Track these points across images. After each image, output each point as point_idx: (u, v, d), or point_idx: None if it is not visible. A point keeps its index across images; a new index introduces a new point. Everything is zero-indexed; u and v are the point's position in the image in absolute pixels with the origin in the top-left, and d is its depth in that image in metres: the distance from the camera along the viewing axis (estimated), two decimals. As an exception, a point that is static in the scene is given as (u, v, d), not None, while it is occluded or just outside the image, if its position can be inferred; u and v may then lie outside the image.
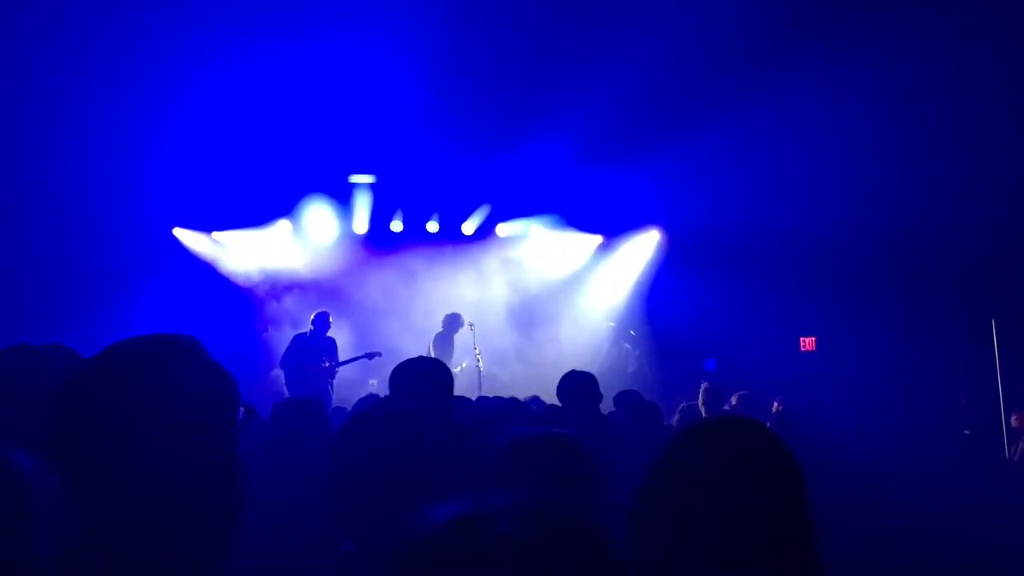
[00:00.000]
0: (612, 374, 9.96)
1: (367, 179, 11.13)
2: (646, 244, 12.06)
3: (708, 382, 7.27)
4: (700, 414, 6.24)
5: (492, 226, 11.84)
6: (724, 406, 6.69)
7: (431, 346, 9.69)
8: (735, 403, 6.76)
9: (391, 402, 2.62)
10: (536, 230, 11.96)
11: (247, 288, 11.01)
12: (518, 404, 5.15)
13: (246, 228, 11.19)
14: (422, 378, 2.72)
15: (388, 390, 2.80)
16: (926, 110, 9.20)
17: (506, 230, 11.91)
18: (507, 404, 4.95)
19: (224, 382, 1.23)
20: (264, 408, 5.08)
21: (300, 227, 11.25)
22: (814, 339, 11.27)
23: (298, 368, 8.62)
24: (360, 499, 1.67)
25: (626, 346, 10.95)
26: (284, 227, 11.25)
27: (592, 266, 12.17)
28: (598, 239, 12.17)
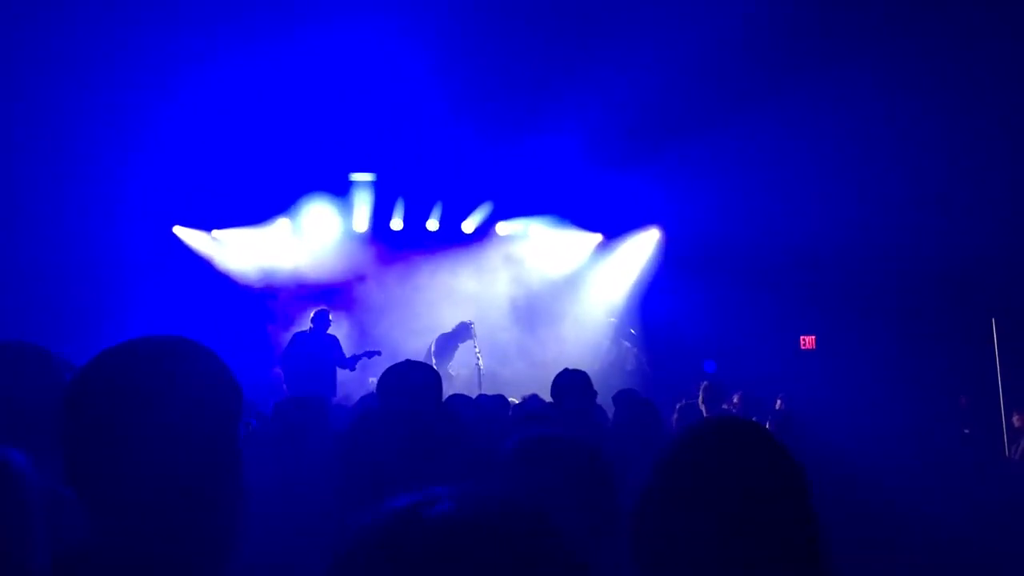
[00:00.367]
0: (611, 372, 9.97)
1: (367, 177, 11.12)
2: (646, 243, 12.06)
3: (708, 381, 7.27)
4: (700, 413, 6.24)
5: (492, 224, 11.84)
6: (724, 405, 6.70)
7: (432, 345, 9.66)
8: (736, 402, 6.76)
9: (383, 405, 2.61)
10: (536, 228, 11.95)
11: (247, 286, 11.00)
12: (505, 402, 5.15)
13: (246, 226, 11.18)
14: (409, 383, 2.70)
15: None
16: (928, 111, 9.21)
17: (506, 228, 11.90)
18: (496, 402, 4.95)
19: (228, 382, 1.23)
20: (265, 406, 5.08)
21: (300, 225, 11.24)
22: (814, 337, 11.27)
23: (297, 366, 8.60)
24: (368, 498, 1.67)
25: (626, 344, 10.95)
26: (284, 225, 11.24)
27: (592, 265, 12.17)
28: (598, 237, 12.17)
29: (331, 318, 9.10)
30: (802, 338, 11.31)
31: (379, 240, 11.48)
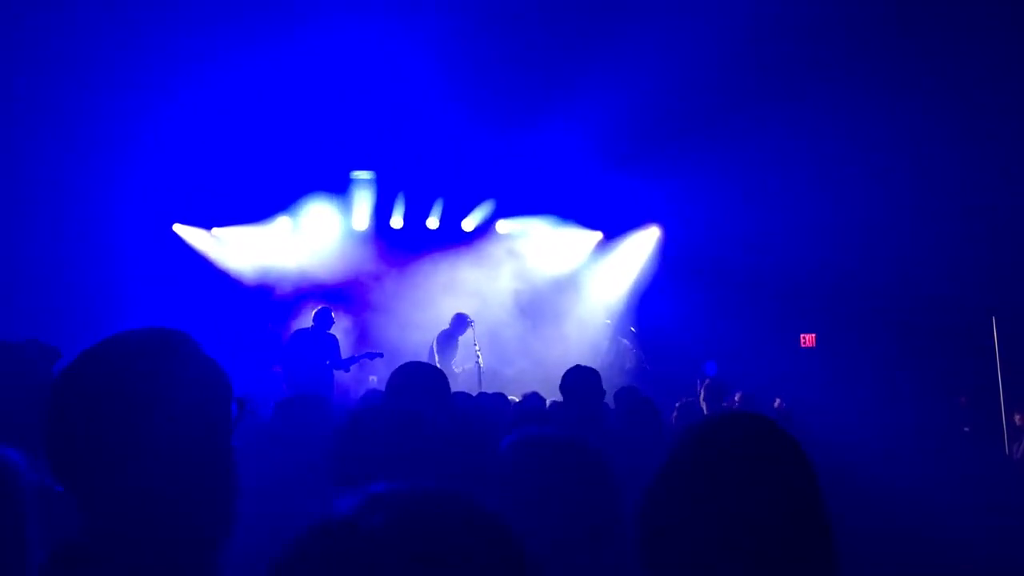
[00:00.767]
0: (611, 371, 9.95)
1: (367, 175, 11.10)
2: (646, 241, 12.04)
3: (709, 379, 7.27)
4: (700, 411, 6.23)
5: (492, 222, 11.82)
6: (724, 403, 6.69)
7: (434, 343, 9.65)
8: (738, 401, 6.75)
9: (389, 403, 2.61)
10: (536, 226, 11.94)
11: (247, 284, 10.98)
12: (505, 401, 5.13)
13: (246, 224, 11.17)
14: (419, 383, 2.73)
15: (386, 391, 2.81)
16: (930, 112, 9.21)
17: (506, 226, 11.89)
18: (496, 401, 4.94)
19: (216, 375, 1.22)
20: (265, 405, 5.07)
21: (300, 223, 11.22)
22: (814, 336, 11.25)
23: (297, 365, 8.57)
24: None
25: (625, 342, 10.93)
26: (284, 223, 11.22)
27: (592, 263, 12.16)
28: (598, 236, 12.16)
29: (333, 317, 9.07)
30: (802, 336, 11.29)
31: (379, 238, 11.46)
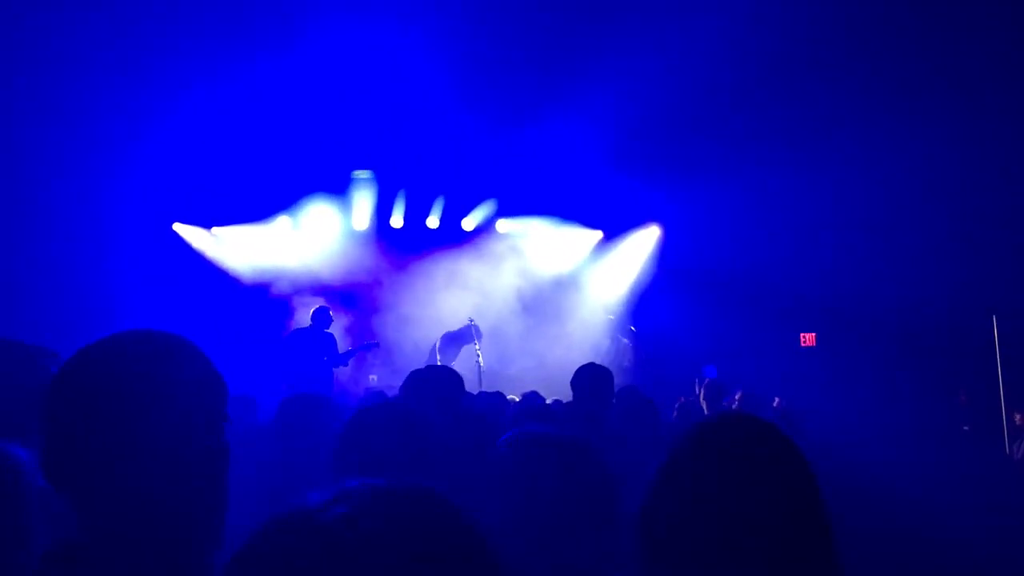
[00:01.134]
0: (612, 368, 9.93)
1: (366, 174, 11.10)
2: (646, 241, 12.04)
3: (708, 379, 7.27)
4: (701, 410, 6.24)
5: (492, 221, 11.82)
6: (725, 402, 6.68)
7: (437, 343, 9.65)
8: (738, 400, 6.74)
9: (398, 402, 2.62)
10: (536, 225, 11.93)
11: (247, 284, 10.97)
12: (504, 400, 5.14)
13: (246, 223, 11.16)
14: (434, 385, 2.77)
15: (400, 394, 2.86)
16: (930, 112, 9.22)
17: (506, 226, 11.89)
18: (496, 400, 4.94)
19: (211, 376, 1.22)
20: (266, 404, 5.07)
21: (300, 222, 11.22)
22: (814, 335, 11.25)
23: (294, 364, 8.58)
24: None
25: (624, 341, 10.91)
26: (284, 222, 11.22)
27: (592, 262, 12.16)
28: (598, 235, 12.16)
29: (332, 315, 9.08)
30: (802, 336, 11.29)
31: (380, 237, 11.46)
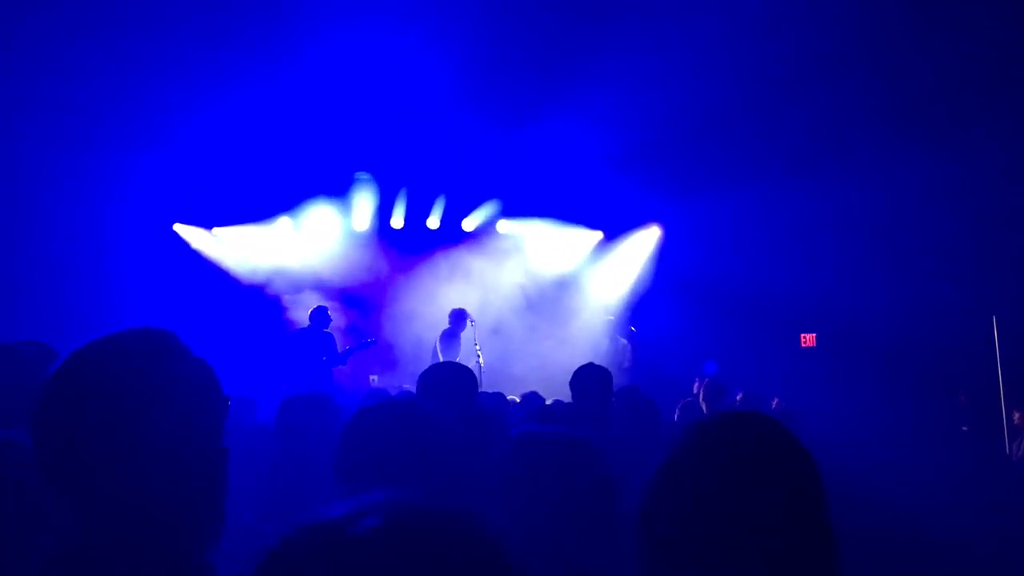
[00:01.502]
0: (611, 369, 9.91)
1: (366, 176, 11.10)
2: (646, 241, 12.04)
3: (707, 378, 7.25)
4: (701, 410, 6.23)
5: (493, 222, 11.82)
6: (725, 401, 6.68)
7: (437, 342, 9.65)
8: (740, 400, 6.75)
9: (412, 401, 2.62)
10: (536, 226, 11.93)
11: (247, 284, 10.97)
12: (504, 400, 5.13)
13: (247, 224, 11.16)
14: (448, 383, 2.78)
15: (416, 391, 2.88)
16: (931, 121, 9.25)
17: (507, 226, 11.89)
18: (496, 400, 4.93)
19: (205, 375, 1.22)
20: (266, 404, 5.07)
21: (301, 223, 11.22)
22: (814, 335, 11.25)
23: (294, 365, 8.58)
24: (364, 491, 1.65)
25: (623, 341, 10.90)
26: (285, 223, 11.22)
27: (592, 262, 12.15)
28: (598, 235, 12.15)
29: (331, 315, 9.08)
30: (802, 336, 11.29)
31: (380, 238, 11.47)
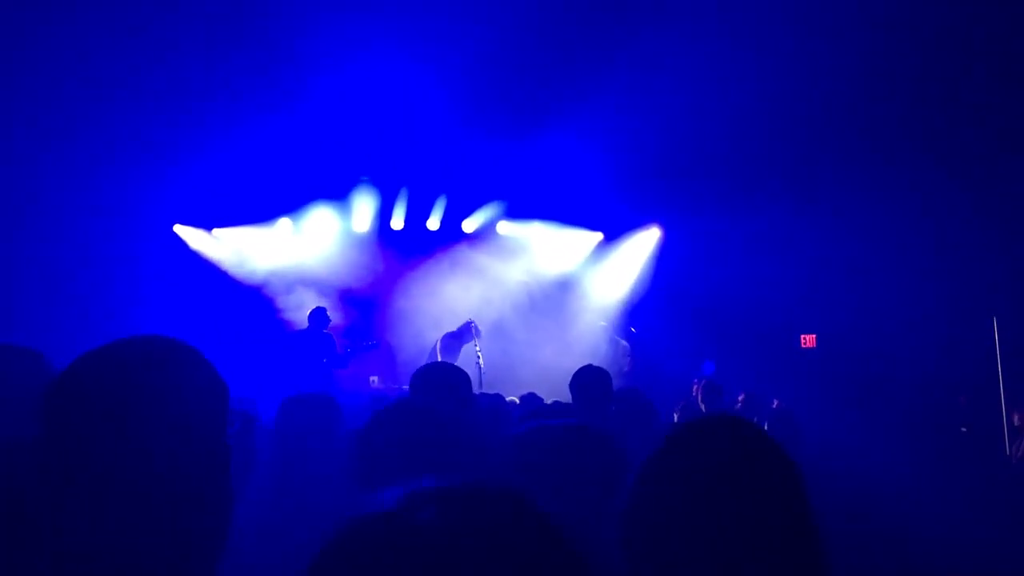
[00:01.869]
0: (611, 370, 9.90)
1: (366, 178, 11.12)
2: (646, 242, 12.04)
3: (704, 380, 7.26)
4: (700, 411, 6.24)
5: (493, 223, 11.82)
6: (724, 402, 6.68)
7: (438, 344, 9.65)
8: (741, 401, 6.75)
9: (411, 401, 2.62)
10: (536, 227, 11.94)
11: (247, 286, 10.97)
12: (504, 402, 5.13)
13: (247, 225, 11.17)
14: (442, 384, 2.78)
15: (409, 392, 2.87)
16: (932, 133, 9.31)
17: (507, 228, 11.89)
18: (496, 401, 4.94)
19: (214, 382, 1.21)
20: (266, 405, 5.07)
21: (302, 224, 11.24)
22: (814, 336, 11.25)
23: (293, 366, 8.58)
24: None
25: (623, 343, 10.90)
26: (285, 224, 11.23)
27: (592, 264, 12.15)
28: (598, 236, 12.15)
29: (329, 316, 9.08)
30: (802, 337, 11.29)
31: (380, 239, 11.48)
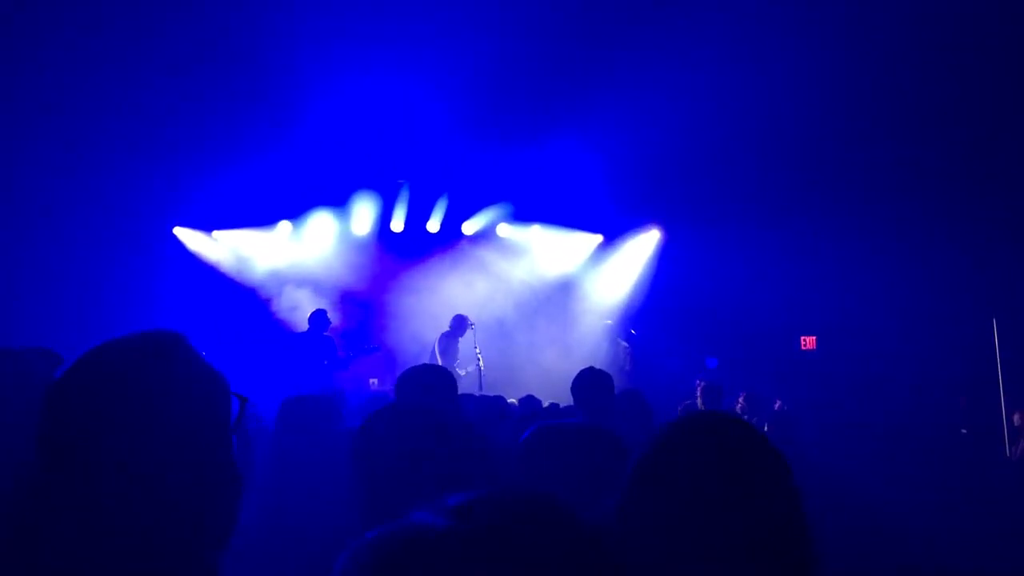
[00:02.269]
0: (612, 372, 9.91)
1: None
2: (646, 243, 12.04)
3: (705, 380, 7.25)
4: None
5: (493, 226, 11.83)
6: (724, 403, 6.68)
7: (436, 345, 9.66)
8: (741, 402, 6.74)
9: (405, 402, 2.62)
10: (536, 229, 11.95)
11: (247, 288, 10.98)
12: (504, 403, 5.13)
13: (248, 228, 11.17)
14: (426, 385, 2.77)
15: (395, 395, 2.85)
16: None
17: (507, 230, 11.90)
18: (496, 403, 4.93)
19: (215, 379, 1.21)
20: (266, 406, 5.07)
21: (302, 227, 11.25)
22: (814, 338, 11.25)
23: (293, 368, 8.59)
24: (384, 495, 1.66)
25: (624, 344, 10.91)
26: (285, 227, 11.24)
27: (592, 265, 12.16)
28: (598, 238, 12.16)
29: (330, 318, 9.09)
30: (803, 339, 11.29)
31: (380, 242, 11.49)
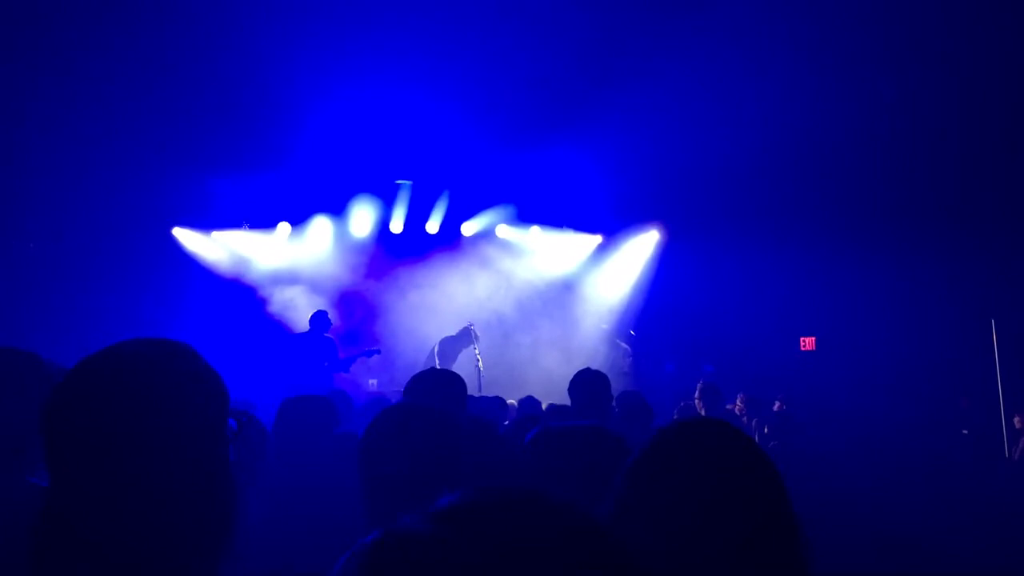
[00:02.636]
0: (611, 374, 9.91)
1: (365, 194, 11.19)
2: (646, 243, 12.04)
3: (705, 381, 7.25)
4: (699, 413, 6.24)
5: (492, 227, 11.83)
6: (729, 406, 6.68)
7: (436, 347, 9.65)
8: (740, 404, 6.74)
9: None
10: (535, 230, 11.94)
11: (247, 288, 10.97)
12: (504, 404, 5.14)
13: (247, 228, 11.17)
14: (437, 388, 2.78)
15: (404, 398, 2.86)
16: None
17: (506, 231, 11.89)
18: (496, 404, 4.94)
19: (215, 387, 1.22)
20: (266, 407, 5.07)
21: (302, 228, 11.25)
22: (814, 339, 11.25)
23: (293, 369, 8.58)
24: (391, 496, 1.65)
25: (623, 346, 10.91)
26: (284, 228, 11.24)
27: (591, 266, 12.15)
28: (597, 239, 12.16)
29: (330, 319, 9.08)
30: (802, 339, 11.29)
31: (379, 244, 11.49)
